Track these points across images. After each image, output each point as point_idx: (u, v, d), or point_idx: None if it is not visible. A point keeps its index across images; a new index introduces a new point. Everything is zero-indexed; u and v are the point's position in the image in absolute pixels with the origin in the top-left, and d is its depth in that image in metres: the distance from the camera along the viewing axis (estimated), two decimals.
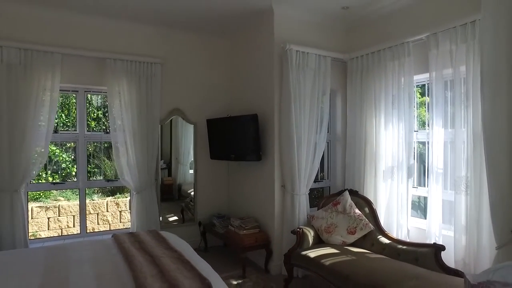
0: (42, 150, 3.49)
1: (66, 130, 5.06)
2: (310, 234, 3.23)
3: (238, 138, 3.90)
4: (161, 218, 4.21)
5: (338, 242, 3.16)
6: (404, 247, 2.86)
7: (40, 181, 5.45)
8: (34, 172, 3.47)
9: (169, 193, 4.71)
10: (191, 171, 4.86)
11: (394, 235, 3.17)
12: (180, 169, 5.00)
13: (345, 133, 3.94)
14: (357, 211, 3.27)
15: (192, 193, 4.69)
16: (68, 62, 3.63)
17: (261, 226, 3.74)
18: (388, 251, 2.94)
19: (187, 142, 4.78)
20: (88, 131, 4.11)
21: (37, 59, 3.43)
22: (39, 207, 6.01)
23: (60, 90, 3.62)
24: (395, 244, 2.96)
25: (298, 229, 3.21)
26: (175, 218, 4.70)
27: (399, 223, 3.25)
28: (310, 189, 3.69)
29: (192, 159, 4.77)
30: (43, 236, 5.61)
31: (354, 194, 3.48)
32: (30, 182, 3.69)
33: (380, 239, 3.09)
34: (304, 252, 3.01)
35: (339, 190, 3.70)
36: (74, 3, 3.45)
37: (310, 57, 3.55)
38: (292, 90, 3.43)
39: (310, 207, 3.67)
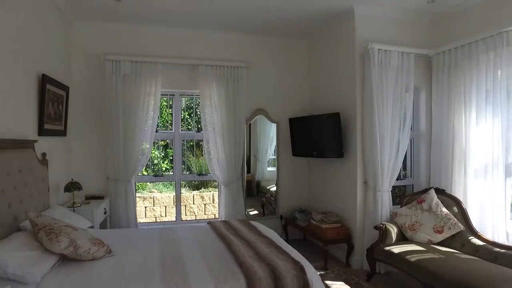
0: (147, 146, 4.08)
1: (159, 130, 5.74)
2: (393, 231, 3.24)
3: (320, 135, 4.05)
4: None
5: (423, 240, 3.12)
6: (503, 250, 2.71)
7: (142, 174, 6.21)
8: (141, 165, 4.07)
9: (248, 189, 5.03)
10: (269, 169, 5.14)
11: (489, 237, 3.01)
12: (259, 166, 5.29)
13: (430, 130, 3.83)
14: (444, 210, 3.19)
15: (272, 189, 4.96)
16: (167, 70, 4.17)
17: (343, 221, 3.84)
18: (483, 253, 2.81)
19: (266, 141, 5.06)
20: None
21: (144, 69, 4.02)
22: (138, 197, 6.87)
23: (160, 95, 4.17)
24: (490, 246, 2.82)
25: (381, 225, 3.25)
26: (255, 212, 5.00)
27: (495, 225, 3.07)
28: (392, 187, 3.67)
29: (271, 157, 5.05)
30: (142, 221, 6.41)
31: (441, 192, 3.39)
32: (138, 174, 4.31)
33: (472, 240, 2.97)
34: (387, 248, 3.05)
35: (424, 188, 3.63)
36: (173, 19, 3.97)
37: (393, 54, 3.54)
38: (374, 89, 3.47)
39: (392, 205, 3.66)
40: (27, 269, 1.81)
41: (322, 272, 3.49)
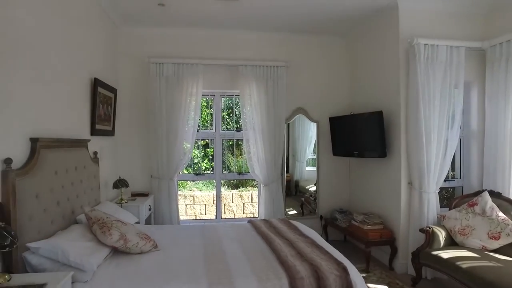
0: (189, 146, 4.20)
1: (200, 130, 5.89)
2: (441, 234, 3.08)
3: (361, 135, 3.95)
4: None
5: (476, 246, 2.93)
6: None
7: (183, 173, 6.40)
8: (183, 164, 4.20)
9: (287, 188, 5.02)
10: (308, 168, 5.09)
11: None
12: (297, 166, 5.26)
13: (482, 129, 3.60)
14: (501, 214, 2.97)
15: (311, 189, 4.91)
16: (208, 71, 4.26)
17: (385, 223, 3.71)
18: None
19: (305, 140, 5.01)
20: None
21: (186, 71, 4.14)
22: (179, 195, 7.05)
23: (202, 95, 4.28)
24: None
25: (428, 228, 3.10)
26: (294, 211, 4.97)
27: None
28: (439, 188, 3.49)
29: (309, 157, 5.00)
30: (182, 219, 6.59)
31: (496, 196, 3.17)
32: (179, 173, 4.45)
33: None
34: (435, 252, 2.90)
35: (475, 190, 3.41)
36: (213, 22, 4.05)
37: (440, 49, 3.36)
38: (420, 85, 3.32)
39: (439, 207, 3.48)
40: (86, 258, 1.93)
41: (364, 275, 3.39)
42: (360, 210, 4.18)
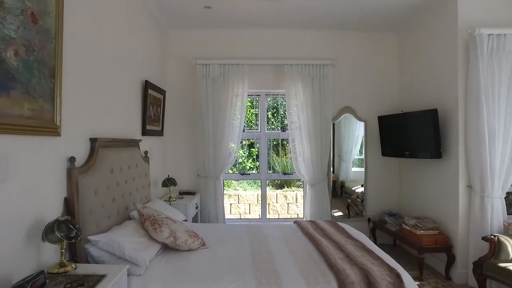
0: (235, 145, 4.24)
1: (245, 130, 5.92)
2: (510, 244, 2.81)
3: (413, 134, 3.73)
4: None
5: None
6: None
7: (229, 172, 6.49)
8: (229, 164, 4.25)
9: (332, 189, 4.90)
10: (354, 169, 4.92)
11: None
12: (343, 167, 5.10)
13: None
14: None
15: (358, 190, 4.74)
16: (253, 71, 4.28)
17: (441, 228, 3.47)
18: None
19: (351, 140, 4.85)
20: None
21: (231, 71, 4.19)
22: (224, 194, 7.16)
23: (247, 95, 4.30)
24: None
25: (493, 237, 2.84)
26: (340, 213, 4.83)
27: None
28: (506, 193, 3.18)
29: (356, 157, 4.83)
30: (227, 218, 6.68)
31: None
32: (225, 172, 4.51)
33: None
34: (503, 264, 2.65)
35: None
36: (258, 22, 4.06)
37: (508, 39, 3.07)
38: (482, 79, 3.05)
39: (507, 214, 3.17)
40: (139, 253, 2.01)
41: (418, 283, 3.20)
42: (412, 214, 3.95)
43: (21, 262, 1.60)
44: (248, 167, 7.59)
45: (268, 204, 6.93)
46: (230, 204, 7.13)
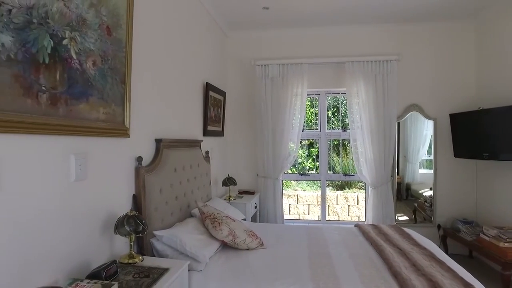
0: (294, 145, 4.21)
1: (304, 129, 5.85)
2: None
3: (494, 133, 3.35)
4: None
5: None
6: None
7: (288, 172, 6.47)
8: (289, 164, 4.23)
9: (397, 192, 4.61)
10: (421, 171, 4.57)
11: None
12: (409, 168, 4.77)
13: None
14: None
15: (425, 193, 4.40)
16: (313, 70, 4.21)
17: None
18: None
19: (418, 140, 4.52)
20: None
21: (290, 71, 4.17)
22: (283, 194, 7.15)
23: (307, 94, 4.24)
24: None
25: None
26: (405, 218, 4.53)
27: None
28: None
29: (423, 158, 4.48)
30: (286, 218, 6.65)
31: None
32: (284, 173, 4.50)
33: None
34: None
35: None
36: (317, 19, 3.97)
37: None
38: None
39: None
40: (200, 249, 2.10)
41: None
42: (492, 223, 3.55)
43: (97, 250, 1.76)
44: (307, 168, 7.49)
45: (328, 205, 6.76)
46: (289, 204, 7.10)
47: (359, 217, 6.48)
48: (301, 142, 4.31)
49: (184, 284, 1.83)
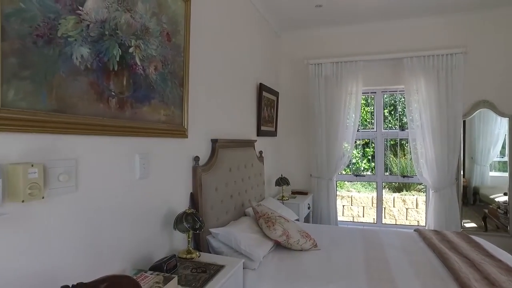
0: (348, 146, 4.09)
1: (359, 129, 5.64)
2: None
3: None
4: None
5: None
6: None
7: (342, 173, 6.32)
8: (343, 164, 4.12)
9: (463, 196, 4.26)
10: (493, 173, 4.17)
11: None
12: (477, 170, 4.37)
13: None
14: None
15: (498, 199, 4.00)
16: (368, 67, 4.05)
17: None
18: None
19: (488, 139, 4.12)
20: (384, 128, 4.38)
21: (344, 69, 4.05)
22: (337, 195, 6.98)
23: (362, 93, 4.10)
24: None
25: None
26: (473, 224, 4.16)
27: None
28: None
29: (494, 159, 4.08)
30: (340, 220, 6.48)
31: None
32: (339, 173, 4.39)
33: None
34: None
35: None
36: (372, 15, 3.81)
37: None
38: None
39: None
40: (254, 248, 2.13)
41: None
42: None
43: (158, 244, 1.88)
44: (362, 168, 7.23)
45: (384, 208, 6.46)
46: (343, 205, 6.91)
47: (418, 221, 6.11)
48: (355, 142, 4.17)
49: (238, 282, 1.88)
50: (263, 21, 3.81)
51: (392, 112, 5.50)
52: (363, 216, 6.69)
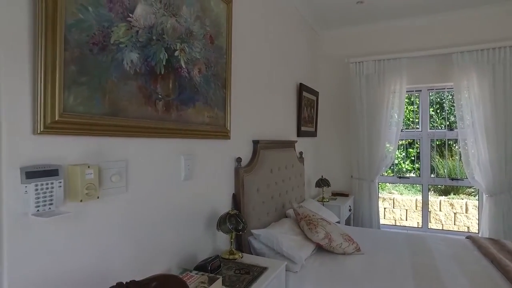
0: (391, 146, 3.93)
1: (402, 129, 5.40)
2: None
3: None
4: None
5: None
6: None
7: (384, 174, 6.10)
8: (386, 166, 3.97)
9: None
10: None
11: None
12: None
13: None
14: None
15: None
16: (413, 64, 3.86)
17: None
18: None
19: None
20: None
21: (387, 67, 3.90)
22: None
23: (406, 91, 3.92)
24: None
25: None
26: None
27: None
28: None
29: None
30: (381, 223, 6.26)
31: None
32: (381, 175, 4.23)
33: None
34: None
35: None
36: (416, 9, 3.63)
37: None
38: None
39: None
40: (296, 251, 2.10)
41: None
42: None
43: (202, 245, 1.91)
44: (404, 169, 6.92)
45: (429, 211, 6.14)
46: (384, 208, 6.66)
47: (468, 227, 5.74)
48: (399, 142, 3.99)
49: (281, 284, 1.86)
50: (303, 20, 3.76)
51: (438, 111, 5.21)
52: (406, 220, 6.41)
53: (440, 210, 6.20)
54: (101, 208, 1.28)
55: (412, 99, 5.23)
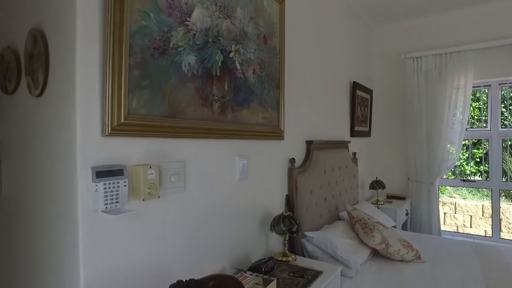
0: (454, 147, 3.63)
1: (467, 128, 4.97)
2: None
3: None
4: None
5: None
6: None
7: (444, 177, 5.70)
8: (447, 168, 3.68)
9: None
10: None
11: None
12: None
13: None
14: None
15: None
16: (479, 57, 3.53)
17: None
18: None
19: None
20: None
21: (449, 61, 3.61)
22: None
23: (472, 87, 3.60)
24: None
25: None
26: None
27: None
28: None
29: None
30: (442, 229, 5.84)
31: None
32: (442, 177, 3.94)
33: None
34: None
35: None
36: None
37: None
38: None
39: None
40: (351, 255, 2.02)
41: None
42: None
43: (255, 245, 1.91)
44: (468, 172, 6.38)
45: (500, 219, 5.60)
46: (444, 213, 6.20)
47: None
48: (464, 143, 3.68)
49: None
50: (354, 16, 3.61)
51: (511, 107, 4.72)
52: (471, 227, 5.91)
53: None
54: (160, 207, 1.33)
55: (477, 95, 4.79)
